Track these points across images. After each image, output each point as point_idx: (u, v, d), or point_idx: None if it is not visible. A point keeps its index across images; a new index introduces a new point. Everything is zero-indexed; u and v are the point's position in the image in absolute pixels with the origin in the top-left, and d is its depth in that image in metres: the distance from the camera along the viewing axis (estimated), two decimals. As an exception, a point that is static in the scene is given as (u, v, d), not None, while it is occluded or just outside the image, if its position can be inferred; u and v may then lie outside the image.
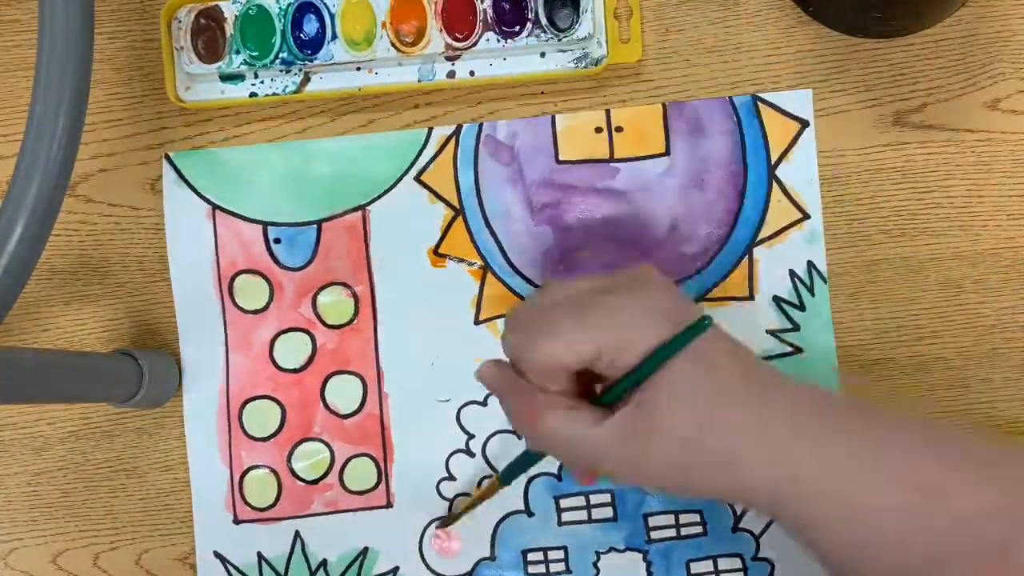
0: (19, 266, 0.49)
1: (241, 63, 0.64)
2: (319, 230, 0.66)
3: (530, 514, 0.65)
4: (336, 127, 0.67)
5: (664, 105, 0.65)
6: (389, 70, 0.65)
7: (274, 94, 0.65)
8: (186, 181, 0.66)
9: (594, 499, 0.65)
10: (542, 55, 0.64)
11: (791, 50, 0.65)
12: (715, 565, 0.64)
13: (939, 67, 0.64)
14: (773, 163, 0.64)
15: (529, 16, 0.63)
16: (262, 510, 0.66)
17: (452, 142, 0.66)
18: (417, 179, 0.66)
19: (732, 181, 0.65)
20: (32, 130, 0.50)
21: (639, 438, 0.49)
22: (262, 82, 0.65)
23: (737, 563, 0.64)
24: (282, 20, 0.64)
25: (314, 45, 0.64)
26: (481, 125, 0.66)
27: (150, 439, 0.67)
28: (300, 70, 0.65)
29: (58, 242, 0.67)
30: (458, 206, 0.66)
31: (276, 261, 0.66)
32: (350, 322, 0.66)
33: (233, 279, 0.66)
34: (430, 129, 0.66)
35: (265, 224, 0.66)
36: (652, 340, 0.48)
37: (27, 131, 0.50)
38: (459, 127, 0.66)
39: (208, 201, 0.66)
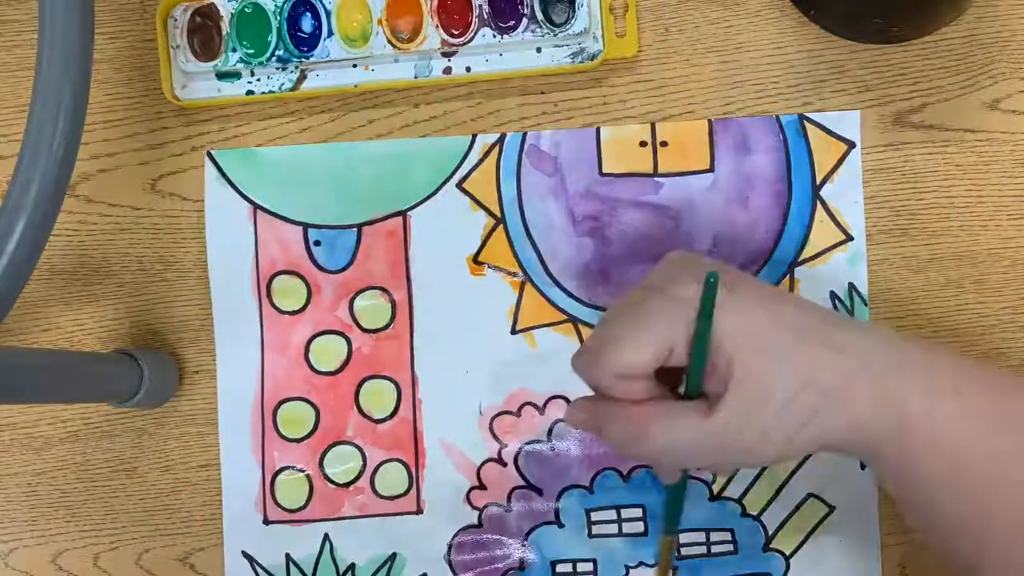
0: (19, 266, 0.49)
1: (237, 61, 0.64)
2: (359, 233, 0.66)
3: (561, 525, 0.65)
4: (335, 126, 0.66)
5: (710, 121, 0.65)
6: (385, 67, 0.65)
7: (270, 92, 0.65)
8: (228, 180, 0.66)
9: (625, 513, 0.65)
10: (538, 50, 0.64)
11: (791, 50, 0.64)
12: None
13: (939, 67, 0.64)
14: (818, 183, 0.64)
15: (525, 11, 0.63)
16: (292, 511, 0.66)
17: (496, 150, 0.66)
18: (459, 186, 0.66)
19: (776, 200, 0.64)
20: (32, 130, 0.50)
21: (755, 411, 0.48)
22: (258, 80, 0.65)
23: None
24: (278, 17, 0.64)
25: (310, 42, 0.64)
26: (525, 135, 0.65)
27: (150, 439, 0.67)
28: (296, 67, 0.65)
29: (58, 242, 0.67)
30: (499, 215, 0.66)
31: (315, 263, 0.66)
32: (386, 327, 0.66)
33: (272, 279, 0.66)
34: (474, 136, 0.66)
35: (306, 226, 0.66)
36: (691, 310, 0.48)
37: (27, 131, 0.50)
38: (503, 136, 0.65)
39: (250, 201, 0.66)
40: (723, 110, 0.65)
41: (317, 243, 0.66)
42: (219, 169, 0.66)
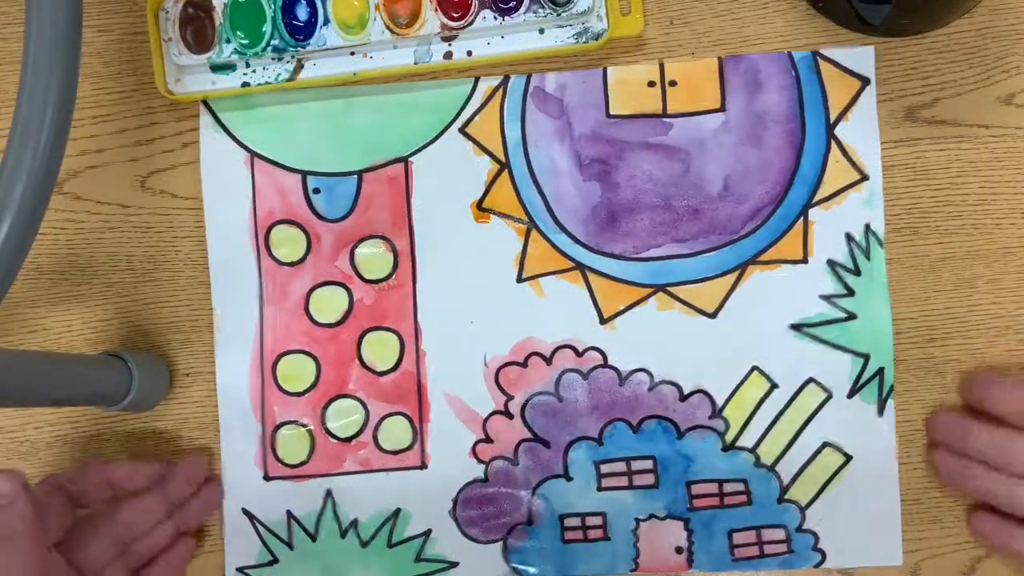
0: (5, 266, 0.48)
1: (232, 52, 0.62)
2: (360, 180, 0.65)
3: (569, 479, 0.64)
4: (332, 122, 0.65)
5: (720, 59, 0.64)
6: (384, 53, 0.64)
7: (267, 83, 0.63)
8: (224, 127, 0.65)
9: (635, 465, 0.64)
10: (541, 31, 0.63)
11: (799, 43, 0.63)
12: (758, 536, 0.64)
13: (952, 61, 0.63)
14: (832, 121, 0.63)
15: (526, -10, 0.62)
16: (293, 467, 0.65)
17: (499, 93, 0.64)
18: (462, 131, 0.65)
19: (789, 139, 0.63)
20: (19, 125, 0.49)
21: None
22: (254, 71, 0.64)
23: (781, 534, 0.64)
24: (272, 6, 0.62)
25: (306, 31, 0.62)
26: (529, 76, 0.64)
27: (140, 444, 0.66)
28: (293, 57, 0.63)
29: (45, 241, 0.66)
30: (504, 159, 0.64)
31: (315, 212, 0.65)
32: (388, 277, 0.65)
33: (270, 230, 0.65)
34: (476, 79, 0.65)
35: (304, 173, 0.65)
36: None
37: (13, 126, 0.49)
38: (506, 78, 0.64)
39: (247, 148, 0.65)
40: (729, 105, 0.64)
41: (316, 191, 0.65)
42: (214, 116, 0.65)
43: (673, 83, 0.64)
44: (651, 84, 0.64)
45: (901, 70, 0.63)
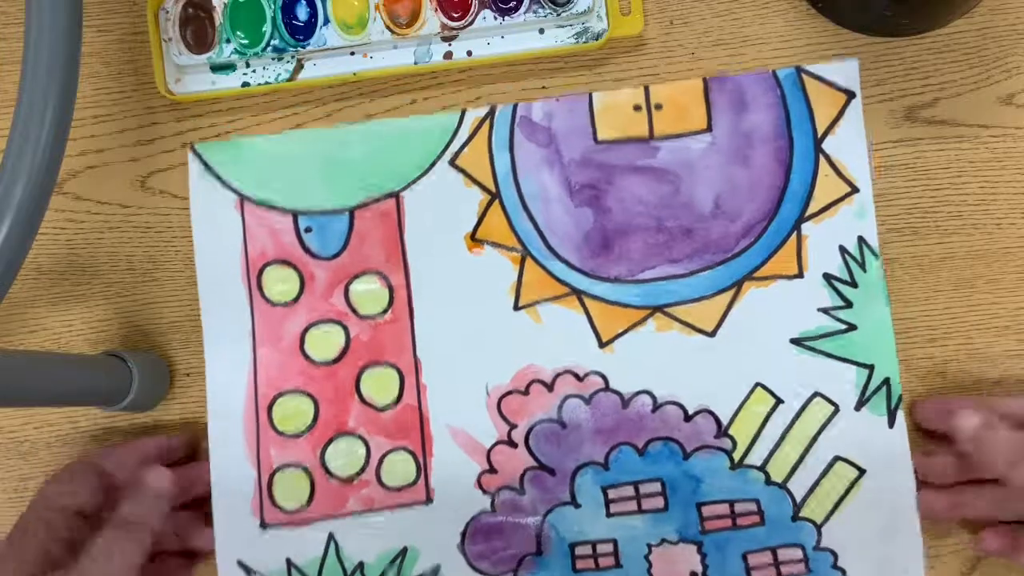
0: (5, 266, 0.48)
1: (232, 52, 0.63)
2: (352, 217, 0.64)
3: (577, 505, 0.63)
4: (332, 120, 0.65)
5: (705, 80, 0.63)
6: (384, 54, 0.64)
7: (267, 83, 0.63)
8: (213, 172, 0.64)
9: (644, 489, 0.63)
10: (541, 31, 0.63)
11: (799, 44, 0.63)
12: (774, 556, 0.62)
13: (952, 61, 0.63)
14: (819, 136, 0.63)
15: (526, -10, 0.62)
16: (292, 512, 0.64)
17: (486, 124, 0.64)
18: (452, 163, 0.64)
19: (777, 156, 0.63)
20: (19, 125, 0.49)
21: None
22: (254, 71, 0.64)
23: (798, 554, 0.62)
24: (272, 6, 0.62)
25: (306, 31, 0.62)
26: (516, 106, 0.64)
27: (140, 444, 0.65)
28: (293, 57, 0.63)
29: (45, 241, 0.66)
30: (494, 190, 0.64)
31: (307, 250, 0.64)
32: (384, 312, 0.64)
33: (262, 270, 0.64)
34: (463, 112, 0.64)
35: (295, 213, 0.64)
36: None
37: (13, 126, 0.49)
38: (493, 108, 0.64)
39: (236, 192, 0.64)
40: (729, 105, 0.63)
41: (308, 230, 0.64)
42: (203, 162, 0.64)
43: (659, 106, 0.63)
44: (637, 108, 0.63)
45: (901, 70, 0.63)
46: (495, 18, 0.62)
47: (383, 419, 0.64)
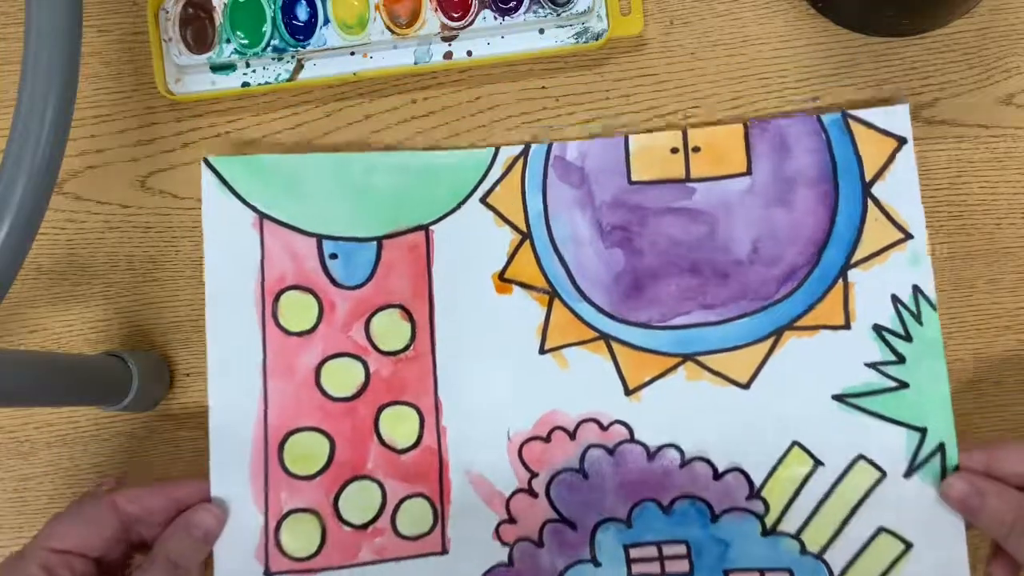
0: (5, 266, 0.48)
1: (232, 52, 0.62)
2: (379, 247, 0.62)
3: (597, 564, 0.60)
4: (332, 121, 0.65)
5: (745, 123, 0.62)
6: (384, 54, 0.64)
7: (267, 83, 0.63)
8: (230, 187, 0.61)
9: (667, 550, 0.59)
10: (541, 32, 0.63)
11: (800, 43, 0.63)
12: None
13: (952, 61, 0.63)
14: (868, 181, 0.60)
15: (526, -10, 0.62)
16: (301, 560, 0.60)
17: (520, 163, 0.62)
18: (483, 201, 0.62)
19: (822, 200, 0.60)
20: (19, 125, 0.49)
21: None
22: (254, 71, 0.64)
23: None
24: (272, 6, 0.62)
25: (306, 31, 0.62)
26: (551, 146, 0.62)
27: (140, 444, 0.65)
28: (293, 57, 0.63)
29: (45, 241, 0.66)
30: (525, 230, 0.62)
31: (331, 278, 0.62)
32: (406, 348, 0.61)
33: (279, 296, 0.61)
34: (497, 148, 0.63)
35: (320, 237, 0.62)
36: None
37: (13, 126, 0.49)
38: (527, 147, 0.63)
39: (255, 209, 0.61)
40: (729, 104, 0.64)
41: (334, 256, 0.62)
42: (218, 176, 0.61)
43: (696, 149, 0.61)
44: (674, 151, 0.62)
45: (901, 70, 0.63)
46: (495, 18, 0.62)
47: (402, 462, 0.61)
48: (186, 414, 0.65)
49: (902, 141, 0.60)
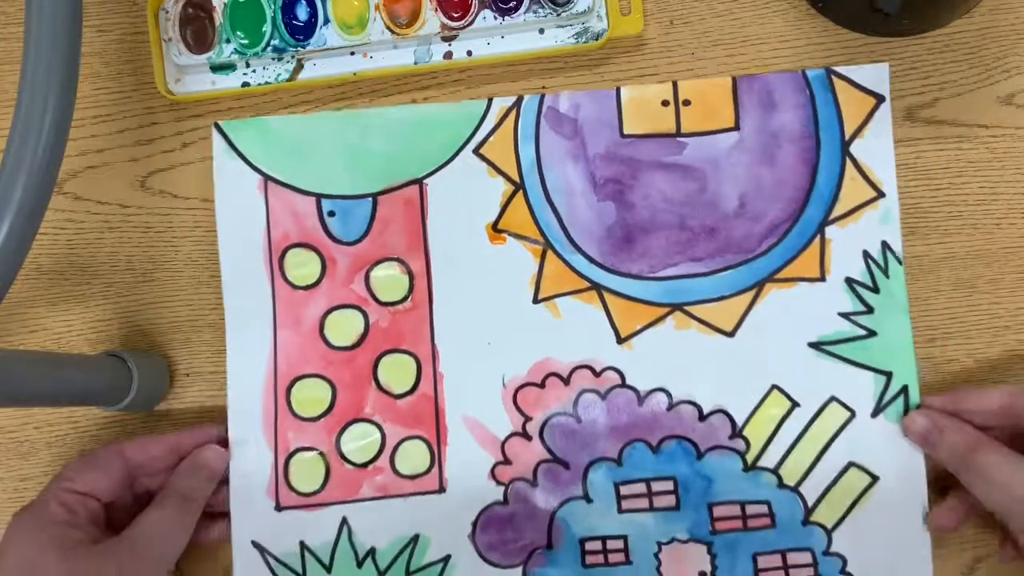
0: (5, 266, 0.48)
1: (232, 52, 0.63)
2: (375, 203, 0.64)
3: (589, 500, 0.63)
4: (332, 122, 0.65)
5: (734, 79, 0.63)
6: (384, 54, 0.64)
7: (267, 83, 0.63)
8: (237, 151, 0.64)
9: (656, 487, 0.63)
10: (541, 31, 0.63)
11: (799, 43, 0.63)
12: (784, 559, 0.62)
13: (952, 61, 0.63)
14: (847, 139, 0.63)
15: (526, -10, 0.62)
16: (307, 495, 0.63)
17: (512, 114, 0.64)
18: (476, 152, 0.64)
19: (804, 157, 0.63)
20: (18, 125, 0.49)
21: None
22: (254, 71, 0.64)
23: (807, 558, 0.62)
24: (272, 6, 0.62)
25: (306, 31, 0.62)
26: (543, 97, 0.64)
27: (140, 444, 0.65)
28: (293, 57, 0.63)
29: (45, 241, 0.65)
30: (518, 180, 0.64)
31: (330, 235, 0.64)
32: (404, 299, 0.64)
33: (284, 253, 0.64)
34: (490, 100, 0.64)
35: (319, 196, 0.64)
36: None
37: (13, 126, 0.49)
38: (520, 98, 0.64)
39: (260, 172, 0.64)
40: (729, 105, 0.63)
41: (331, 214, 0.64)
42: (227, 140, 0.64)
43: (687, 102, 0.63)
44: (665, 103, 0.63)
45: (901, 70, 0.63)
46: (495, 18, 0.62)
47: (399, 407, 0.64)
48: (186, 414, 0.65)
49: (880, 99, 0.63)
